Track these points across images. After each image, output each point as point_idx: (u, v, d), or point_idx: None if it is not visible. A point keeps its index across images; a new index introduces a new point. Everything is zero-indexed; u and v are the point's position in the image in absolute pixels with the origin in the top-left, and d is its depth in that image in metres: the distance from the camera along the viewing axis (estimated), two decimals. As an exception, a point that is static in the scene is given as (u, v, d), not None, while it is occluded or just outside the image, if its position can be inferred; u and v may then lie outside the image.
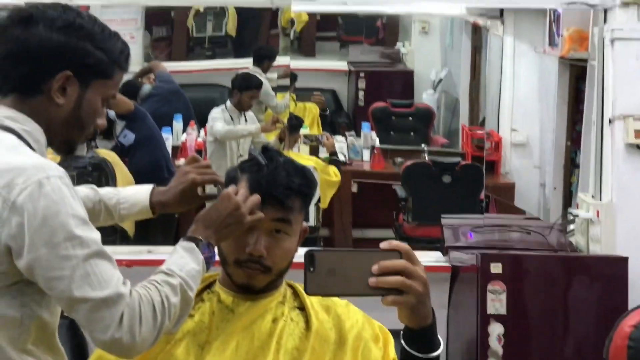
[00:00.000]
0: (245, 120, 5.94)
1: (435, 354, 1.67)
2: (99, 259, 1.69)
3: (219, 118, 5.86)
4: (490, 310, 3.31)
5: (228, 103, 5.91)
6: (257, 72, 6.44)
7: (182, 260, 1.81)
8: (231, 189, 1.88)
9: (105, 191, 2.06)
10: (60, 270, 1.66)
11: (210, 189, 2.05)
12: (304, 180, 1.95)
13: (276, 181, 1.91)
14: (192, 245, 1.83)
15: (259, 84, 6.00)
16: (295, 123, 6.18)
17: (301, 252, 1.87)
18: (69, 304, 1.68)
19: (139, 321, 1.69)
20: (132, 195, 2.06)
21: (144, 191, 2.06)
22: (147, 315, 1.70)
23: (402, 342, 1.68)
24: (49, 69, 1.75)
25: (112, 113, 5.51)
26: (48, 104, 1.77)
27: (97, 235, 1.71)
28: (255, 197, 1.87)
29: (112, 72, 1.81)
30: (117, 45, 1.82)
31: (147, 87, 6.26)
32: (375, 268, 1.52)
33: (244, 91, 5.90)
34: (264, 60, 6.59)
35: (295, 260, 1.97)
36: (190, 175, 2.02)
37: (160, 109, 6.07)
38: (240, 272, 1.93)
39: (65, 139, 1.82)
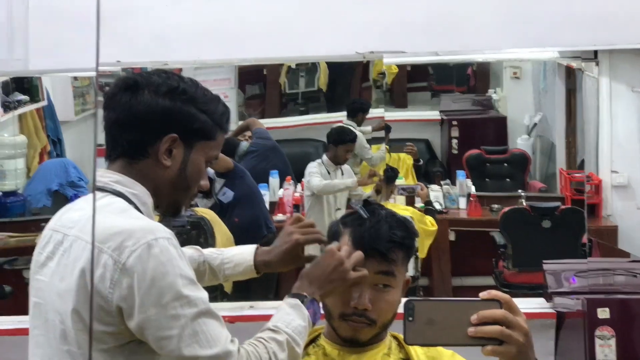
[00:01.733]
0: (342, 173, 5.97)
1: None
2: (207, 317, 1.72)
3: (315, 172, 5.91)
4: (600, 356, 3.22)
5: (324, 157, 5.96)
6: (351, 125, 6.49)
7: (288, 316, 1.83)
8: (334, 245, 1.89)
9: (209, 251, 2.10)
10: (169, 330, 1.69)
11: (313, 248, 2.07)
12: (406, 233, 1.95)
13: (379, 235, 1.92)
14: (297, 301, 1.85)
15: (353, 138, 6.04)
16: (391, 174, 6.18)
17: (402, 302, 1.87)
18: None
19: None
20: (236, 255, 2.08)
21: (248, 251, 2.08)
22: None
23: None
24: (156, 133, 1.82)
25: (211, 171, 5.61)
26: (155, 167, 1.83)
27: (204, 295, 1.74)
28: (359, 254, 1.88)
29: (214, 134, 1.87)
30: (218, 108, 1.89)
31: (244, 145, 6.36)
32: (474, 318, 1.50)
33: (339, 145, 5.95)
34: (357, 113, 6.65)
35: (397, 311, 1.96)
36: (294, 235, 2.05)
37: (258, 165, 6.16)
38: (345, 326, 1.93)
39: (172, 200, 1.88)
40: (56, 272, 1.80)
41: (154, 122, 1.81)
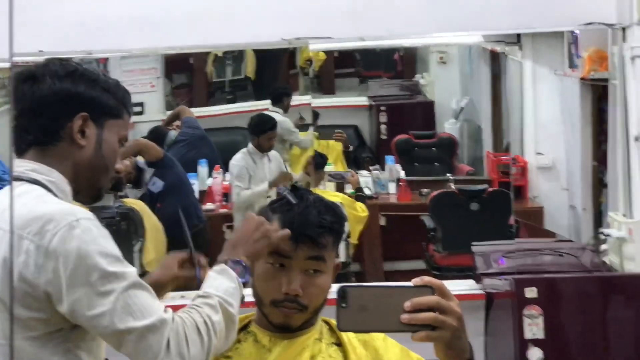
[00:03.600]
0: (269, 160, 5.94)
1: None
2: (136, 289, 1.72)
3: (236, 181, 5.80)
4: (528, 335, 3.28)
5: (250, 146, 5.91)
6: (277, 111, 6.48)
7: (215, 281, 1.86)
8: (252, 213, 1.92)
9: None
10: (101, 307, 1.69)
11: None
12: (335, 218, 1.96)
13: (308, 220, 1.92)
14: (222, 266, 1.88)
15: (273, 125, 5.99)
16: (320, 161, 6.20)
17: (333, 287, 1.87)
18: (116, 338, 1.71)
19: (186, 344, 1.73)
20: None
21: None
22: (192, 337, 1.74)
23: (440, 378, 1.67)
24: (66, 115, 1.83)
25: (141, 161, 5.56)
26: (70, 149, 1.84)
27: (131, 269, 1.75)
28: (285, 231, 1.89)
29: (121, 113, 1.91)
30: (120, 89, 1.92)
31: (172, 134, 6.32)
32: (407, 305, 1.51)
33: (260, 135, 5.89)
34: (281, 98, 6.64)
35: (328, 297, 1.96)
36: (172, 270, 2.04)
37: (186, 154, 6.12)
38: (277, 313, 1.92)
39: (91, 183, 1.88)
40: None
41: (61, 105, 1.83)
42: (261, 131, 5.90)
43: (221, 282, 1.85)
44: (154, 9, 3.69)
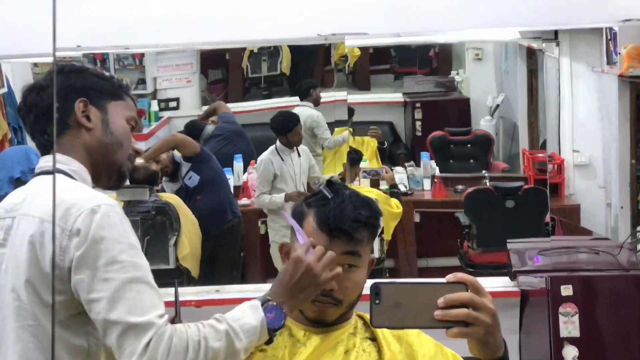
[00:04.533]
0: (299, 155, 5.90)
1: None
2: (141, 285, 1.73)
3: (259, 184, 5.79)
4: (563, 333, 3.25)
5: (278, 143, 5.87)
6: (308, 105, 6.46)
7: (240, 313, 1.81)
8: (300, 251, 1.85)
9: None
10: (99, 292, 1.72)
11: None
12: (371, 212, 1.95)
13: (344, 215, 1.91)
14: (257, 303, 1.83)
15: (296, 120, 5.95)
16: (355, 157, 6.18)
17: (368, 283, 1.87)
18: (103, 326, 1.73)
19: (167, 353, 1.70)
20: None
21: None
22: (176, 349, 1.71)
23: (475, 374, 1.67)
24: (66, 105, 1.91)
25: (178, 155, 5.60)
26: (80, 134, 1.92)
27: (143, 262, 1.76)
28: (330, 255, 1.85)
29: (120, 95, 1.99)
30: (114, 78, 2.01)
31: (210, 128, 6.35)
32: (440, 301, 1.51)
33: (287, 133, 5.86)
34: (309, 91, 6.61)
35: (363, 292, 1.96)
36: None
37: (222, 149, 6.14)
38: (312, 307, 1.92)
39: (109, 163, 1.94)
40: (9, 255, 1.83)
41: (62, 100, 1.92)
42: (287, 129, 5.84)
43: (244, 316, 1.81)
44: (190, 4, 3.70)
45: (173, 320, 2.00)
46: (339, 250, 1.90)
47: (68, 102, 1.92)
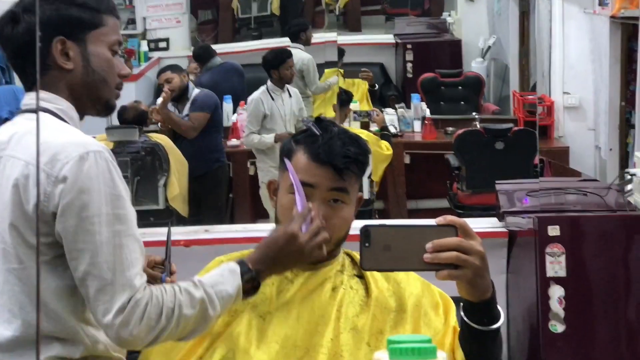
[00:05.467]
0: (290, 95, 5.88)
1: (496, 325, 1.68)
2: (124, 238, 1.72)
3: (249, 123, 5.78)
4: (550, 273, 3.28)
5: (269, 83, 5.83)
6: (298, 47, 6.42)
7: (219, 278, 1.79)
8: (296, 226, 1.81)
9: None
10: (84, 244, 1.70)
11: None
12: (360, 149, 1.95)
13: (333, 151, 1.90)
14: (237, 269, 1.80)
15: (288, 53, 5.94)
16: (345, 98, 6.16)
17: (355, 224, 1.87)
18: (82, 277, 1.71)
19: (140, 318, 1.70)
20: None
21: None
22: (150, 316, 1.71)
23: (462, 315, 1.69)
24: (45, 44, 1.80)
25: (191, 85, 5.65)
26: (61, 74, 1.83)
27: (129, 213, 1.74)
28: (324, 236, 1.82)
29: (100, 20, 1.86)
30: None
31: (218, 59, 6.37)
32: (429, 247, 1.52)
33: (279, 67, 5.83)
34: (299, 34, 6.56)
35: (351, 232, 1.96)
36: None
37: (219, 83, 6.12)
38: None
39: (94, 100, 1.88)
40: None
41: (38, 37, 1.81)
42: (280, 62, 5.82)
43: (223, 281, 1.78)
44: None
45: (162, 263, 2.00)
46: (327, 187, 1.90)
47: (45, 40, 1.81)
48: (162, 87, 5.73)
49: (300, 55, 6.29)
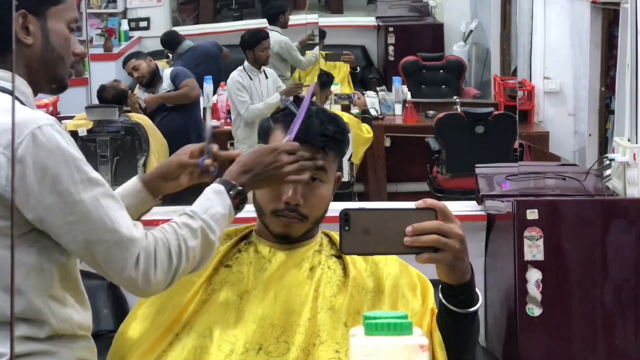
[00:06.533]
0: (266, 76, 5.88)
1: (474, 308, 1.69)
2: (107, 199, 1.71)
3: (238, 92, 5.76)
4: (528, 256, 3.29)
5: (245, 64, 5.85)
6: (275, 30, 6.40)
7: (208, 202, 1.81)
8: (278, 143, 1.85)
9: None
10: (72, 216, 1.68)
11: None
12: (338, 128, 1.95)
13: (311, 129, 1.90)
14: (222, 188, 1.83)
15: (265, 34, 5.95)
16: (325, 80, 6.16)
17: (335, 206, 1.87)
18: (84, 247, 1.70)
19: (154, 265, 1.72)
20: (120, 188, 1.99)
21: (131, 180, 2.01)
22: (161, 259, 1.72)
23: (441, 297, 1.70)
24: (4, 18, 1.74)
25: (161, 67, 5.59)
26: (19, 49, 1.79)
27: (98, 176, 1.73)
28: (301, 154, 1.85)
29: None
30: None
31: (188, 43, 6.30)
32: (409, 230, 1.52)
33: (254, 47, 5.84)
34: (277, 16, 6.55)
35: (330, 214, 1.96)
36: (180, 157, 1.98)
37: (194, 68, 6.08)
38: (277, 222, 1.93)
39: (50, 77, 1.84)
40: None
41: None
42: (255, 42, 5.84)
43: (213, 204, 1.80)
44: None
45: (201, 151, 1.96)
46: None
47: (4, 14, 1.73)
48: (132, 76, 5.70)
49: (277, 37, 6.28)
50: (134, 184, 1.98)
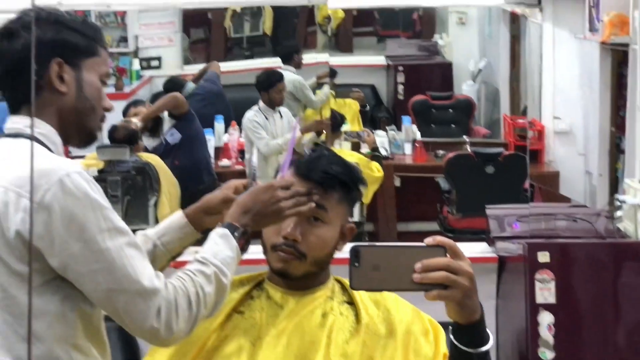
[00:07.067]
0: (281, 116, 5.91)
1: (485, 348, 1.68)
2: (131, 249, 1.73)
3: (257, 128, 5.79)
4: (540, 299, 3.28)
5: (260, 103, 5.88)
6: (289, 69, 6.44)
7: (216, 247, 1.83)
8: (279, 178, 1.90)
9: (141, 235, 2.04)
10: (97, 264, 1.69)
11: None
12: (345, 170, 1.97)
13: (316, 166, 1.94)
14: (226, 232, 1.85)
15: (280, 76, 5.98)
16: (338, 121, 6.17)
17: (346, 247, 1.88)
18: (106, 296, 1.71)
19: (176, 314, 1.73)
20: (165, 223, 2.04)
21: (175, 214, 2.05)
22: (183, 307, 1.74)
23: (452, 337, 1.69)
24: (40, 64, 1.79)
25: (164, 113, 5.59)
26: (52, 97, 1.82)
27: (124, 225, 1.75)
28: (296, 190, 1.89)
29: (95, 50, 1.86)
30: (88, 25, 1.88)
31: (190, 86, 6.31)
32: (418, 267, 1.52)
33: (269, 89, 5.88)
34: (291, 56, 6.59)
35: (341, 256, 1.96)
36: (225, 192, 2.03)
37: (201, 109, 6.10)
38: (276, 257, 1.94)
39: (80, 127, 1.86)
40: None
41: (35, 56, 1.78)
42: (270, 85, 5.87)
43: (221, 249, 1.83)
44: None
45: (246, 187, 2.00)
46: None
47: (42, 60, 1.79)
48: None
49: (290, 77, 6.31)
50: (179, 219, 2.02)
